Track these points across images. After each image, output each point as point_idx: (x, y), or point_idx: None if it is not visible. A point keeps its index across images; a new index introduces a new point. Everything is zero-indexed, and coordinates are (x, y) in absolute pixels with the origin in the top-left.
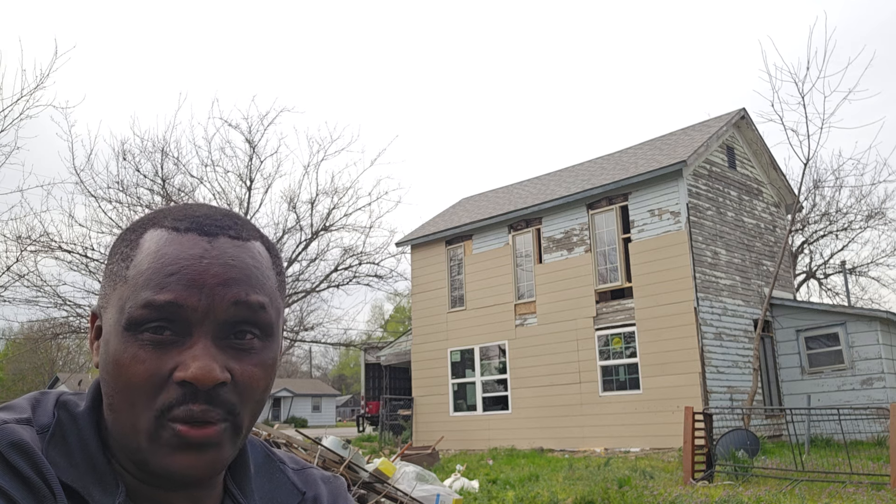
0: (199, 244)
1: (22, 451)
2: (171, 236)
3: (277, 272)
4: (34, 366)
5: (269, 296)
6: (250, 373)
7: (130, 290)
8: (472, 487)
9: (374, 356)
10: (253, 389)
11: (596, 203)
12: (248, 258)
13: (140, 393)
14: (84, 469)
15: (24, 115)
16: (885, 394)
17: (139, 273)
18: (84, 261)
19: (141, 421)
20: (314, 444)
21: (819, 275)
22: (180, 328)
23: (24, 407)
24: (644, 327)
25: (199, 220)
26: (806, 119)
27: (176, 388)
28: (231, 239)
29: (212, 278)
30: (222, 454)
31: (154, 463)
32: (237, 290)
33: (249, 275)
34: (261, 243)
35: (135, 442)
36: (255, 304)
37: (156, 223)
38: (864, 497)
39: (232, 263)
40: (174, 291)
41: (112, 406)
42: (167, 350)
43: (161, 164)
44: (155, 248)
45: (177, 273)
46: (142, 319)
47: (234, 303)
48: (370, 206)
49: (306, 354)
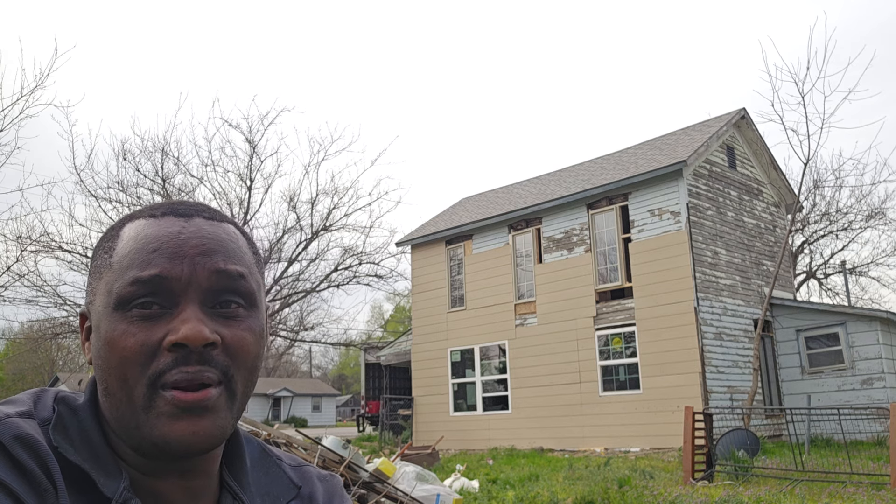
0: (177, 223)
1: (26, 445)
2: (148, 221)
3: (253, 252)
4: (34, 366)
5: (248, 267)
6: (240, 336)
7: (116, 274)
8: (472, 487)
9: (374, 356)
10: (244, 353)
11: (596, 203)
12: (222, 234)
13: (132, 365)
14: (87, 456)
15: (24, 114)
16: (885, 394)
17: (123, 257)
18: (84, 261)
19: (135, 393)
20: (314, 443)
21: (819, 275)
22: (167, 300)
23: (24, 401)
24: (644, 327)
25: (173, 206)
26: (806, 119)
27: (167, 355)
28: (205, 219)
29: (191, 249)
30: (219, 421)
31: (153, 435)
32: (216, 259)
33: (226, 248)
34: (233, 227)
35: (132, 419)
36: (235, 273)
37: (133, 217)
38: (864, 497)
39: (209, 237)
40: (158, 265)
41: (107, 389)
42: (156, 322)
43: (161, 163)
44: (135, 233)
45: (158, 249)
46: (130, 296)
47: (214, 271)
48: (370, 206)
49: (306, 354)
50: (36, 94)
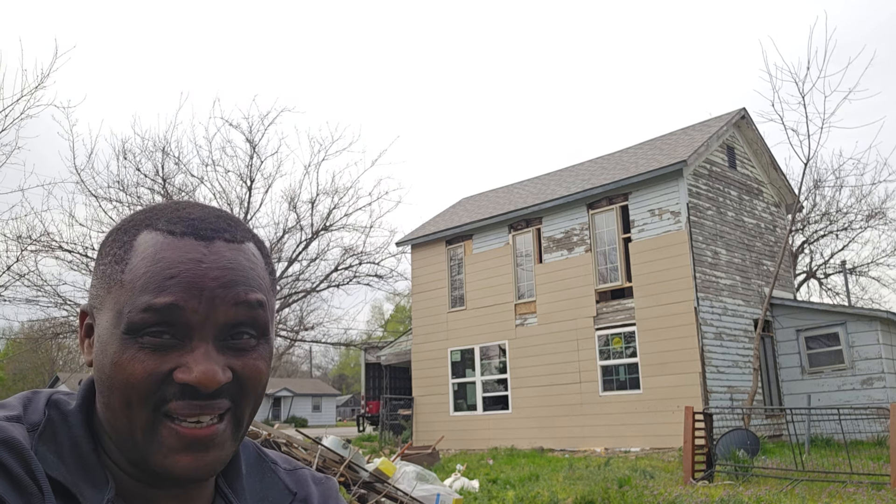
0: (197, 249)
1: (11, 449)
2: (167, 240)
3: (270, 272)
4: (34, 365)
5: (265, 293)
6: (252, 366)
7: (128, 295)
8: (473, 487)
9: (375, 356)
10: (255, 383)
11: (596, 203)
12: (243, 260)
13: (137, 390)
14: (74, 466)
15: (24, 114)
16: (885, 394)
17: (136, 277)
18: (84, 260)
19: (137, 417)
20: (314, 443)
21: (819, 275)
22: (180, 332)
23: (14, 405)
24: (644, 327)
25: (194, 224)
26: (806, 119)
27: (175, 386)
28: (227, 242)
29: (211, 282)
30: (223, 453)
31: (153, 462)
32: (237, 290)
33: (247, 276)
34: (253, 244)
35: (131, 440)
36: (255, 303)
37: (149, 225)
38: (864, 497)
39: (230, 266)
40: (174, 294)
41: (108, 405)
42: (167, 353)
43: (162, 163)
44: (152, 251)
45: (176, 277)
46: (142, 324)
47: (234, 304)
48: (370, 205)
49: (306, 354)
50: (37, 95)
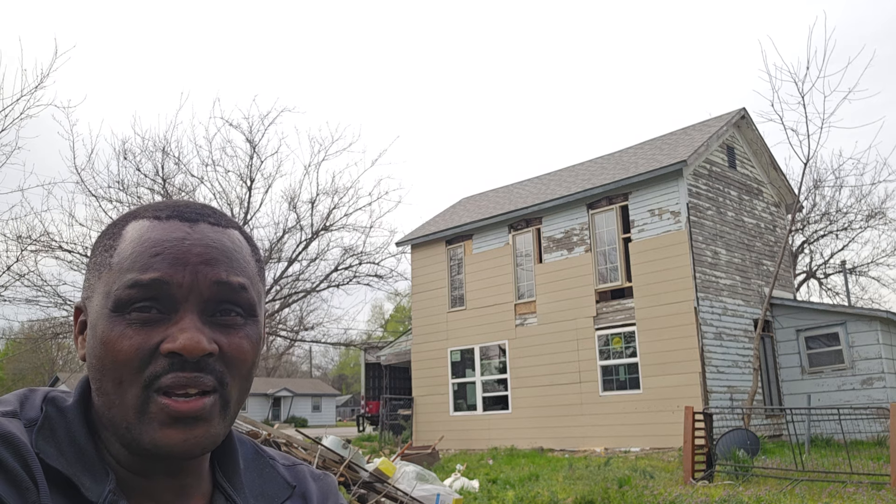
0: (181, 228)
1: (7, 443)
2: (152, 224)
3: (256, 259)
4: (34, 365)
5: (250, 278)
6: (238, 344)
7: (116, 275)
8: (472, 487)
9: (374, 356)
10: (241, 362)
11: (596, 203)
12: (227, 242)
13: (127, 367)
14: (73, 459)
15: (24, 114)
16: (885, 394)
17: (123, 258)
18: (84, 260)
19: (129, 396)
20: (314, 443)
21: (819, 275)
22: (166, 305)
23: (11, 401)
24: (644, 327)
25: (179, 209)
26: (806, 119)
27: (163, 360)
28: (211, 225)
29: (195, 257)
30: (212, 429)
31: (144, 439)
32: (218, 269)
33: (230, 257)
34: (238, 232)
35: (124, 420)
36: (236, 285)
37: (137, 216)
38: (864, 497)
39: (213, 245)
40: (159, 270)
41: (101, 389)
42: (154, 327)
43: (162, 163)
44: (138, 234)
45: (161, 253)
46: (129, 300)
47: (216, 282)
48: (371, 205)
49: (306, 354)
50: (37, 95)
